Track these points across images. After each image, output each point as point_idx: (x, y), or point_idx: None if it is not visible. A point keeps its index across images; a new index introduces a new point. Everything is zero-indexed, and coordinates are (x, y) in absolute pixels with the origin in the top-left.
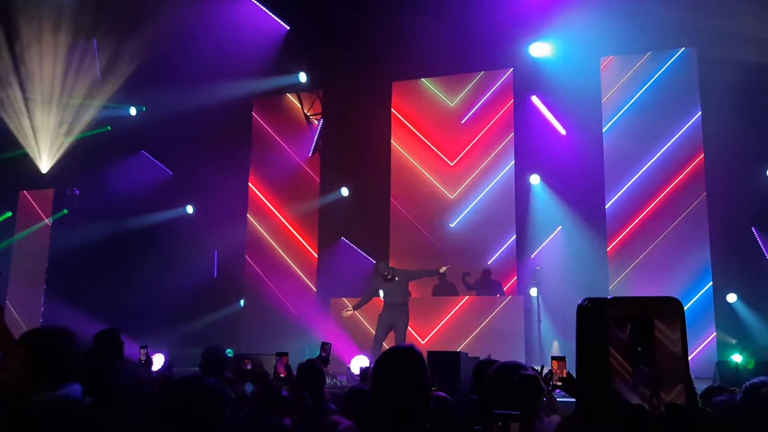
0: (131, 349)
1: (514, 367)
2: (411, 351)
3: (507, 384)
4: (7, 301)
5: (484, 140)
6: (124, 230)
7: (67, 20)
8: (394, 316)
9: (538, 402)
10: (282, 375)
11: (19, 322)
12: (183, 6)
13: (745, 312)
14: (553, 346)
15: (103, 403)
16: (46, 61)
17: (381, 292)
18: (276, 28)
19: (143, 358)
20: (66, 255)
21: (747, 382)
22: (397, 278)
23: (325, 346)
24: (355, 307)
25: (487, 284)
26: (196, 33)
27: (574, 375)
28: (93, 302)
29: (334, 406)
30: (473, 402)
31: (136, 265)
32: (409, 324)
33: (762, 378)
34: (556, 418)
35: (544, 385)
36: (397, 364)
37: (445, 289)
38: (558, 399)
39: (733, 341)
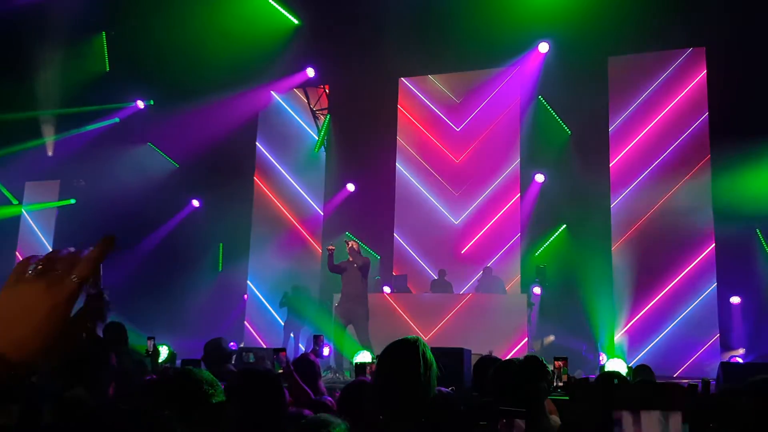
0: (136, 340)
1: (511, 361)
2: (416, 342)
3: (508, 375)
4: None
5: (489, 138)
6: (130, 222)
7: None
8: (351, 309)
9: (541, 387)
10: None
11: None
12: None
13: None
14: (548, 339)
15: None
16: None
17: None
18: (285, 23)
19: (150, 348)
20: (71, 245)
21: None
22: (356, 265)
23: (317, 339)
24: (330, 252)
25: (488, 281)
26: (204, 26)
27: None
28: None
29: (330, 399)
30: (476, 399)
31: (141, 257)
32: (370, 318)
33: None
34: (555, 419)
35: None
36: (402, 355)
37: (441, 287)
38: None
39: (742, 350)
